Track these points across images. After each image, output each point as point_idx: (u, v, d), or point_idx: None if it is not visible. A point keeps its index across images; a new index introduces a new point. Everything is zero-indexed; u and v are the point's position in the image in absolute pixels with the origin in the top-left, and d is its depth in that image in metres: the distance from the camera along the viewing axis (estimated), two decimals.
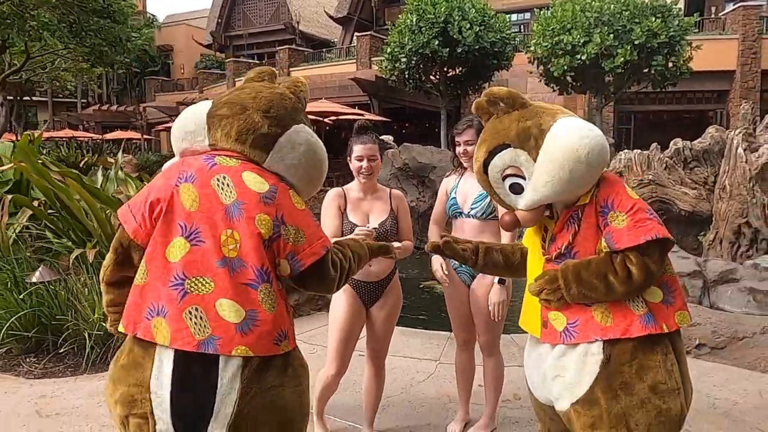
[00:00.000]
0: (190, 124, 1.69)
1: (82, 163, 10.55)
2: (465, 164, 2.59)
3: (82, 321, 3.62)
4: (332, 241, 1.72)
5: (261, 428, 1.49)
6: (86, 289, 3.76)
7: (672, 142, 6.98)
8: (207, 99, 1.84)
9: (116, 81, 34.96)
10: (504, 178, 1.73)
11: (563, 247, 1.71)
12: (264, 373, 1.49)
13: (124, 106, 30.66)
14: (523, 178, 1.70)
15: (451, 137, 2.64)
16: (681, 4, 15.65)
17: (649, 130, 19.53)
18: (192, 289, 1.46)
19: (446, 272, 2.55)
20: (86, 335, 3.56)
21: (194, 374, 1.44)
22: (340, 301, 2.54)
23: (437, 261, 2.54)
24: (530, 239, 1.92)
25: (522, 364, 3.04)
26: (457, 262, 2.60)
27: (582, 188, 1.68)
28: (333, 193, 2.61)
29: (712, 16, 21.18)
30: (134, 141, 25.00)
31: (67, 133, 23.94)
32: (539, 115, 1.72)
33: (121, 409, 1.50)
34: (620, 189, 1.67)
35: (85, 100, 33.47)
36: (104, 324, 3.58)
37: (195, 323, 1.44)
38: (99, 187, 4.65)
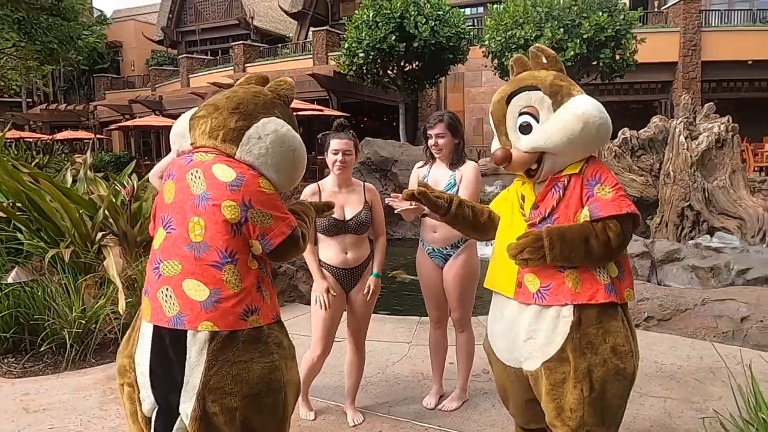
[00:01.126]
0: (179, 129, 1.91)
1: (33, 164, 10.28)
2: (436, 155, 2.80)
3: (60, 320, 3.67)
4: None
5: (226, 399, 1.60)
6: (62, 289, 3.80)
7: (620, 132, 7.37)
8: (160, 96, 2.10)
9: (63, 79, 33.73)
10: (521, 114, 1.93)
11: (546, 212, 1.90)
12: (230, 347, 1.62)
13: (74, 105, 29.64)
14: (537, 121, 1.90)
15: (423, 130, 2.84)
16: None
17: None
18: (164, 271, 1.66)
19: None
20: (65, 333, 3.61)
21: (167, 348, 1.63)
22: (323, 287, 2.70)
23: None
24: (501, 205, 2.11)
25: None
26: (430, 247, 2.82)
27: (579, 152, 1.90)
28: (308, 189, 2.80)
29: (655, 10, 22.07)
30: (86, 141, 24.26)
31: (14, 134, 23.01)
32: (572, 84, 1.97)
33: (118, 378, 1.75)
34: (606, 168, 1.91)
35: (30, 100, 32.21)
36: (83, 321, 3.67)
37: (166, 301, 1.64)
38: (69, 187, 4.66)
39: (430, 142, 2.78)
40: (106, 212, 4.19)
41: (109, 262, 3.83)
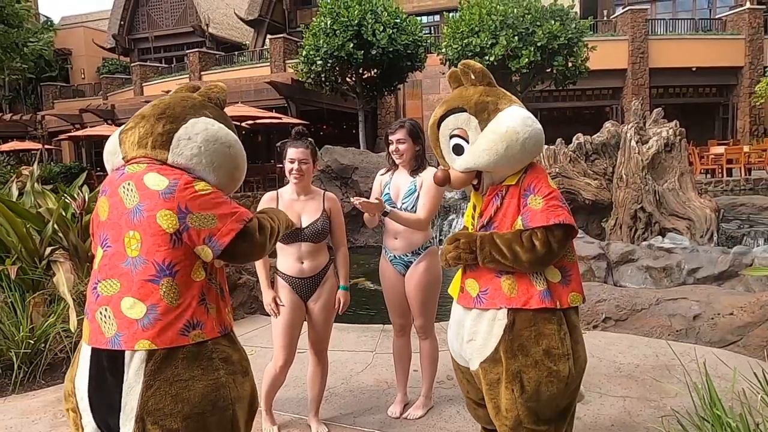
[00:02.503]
0: (110, 146, 1.81)
1: None
2: (397, 161, 2.80)
3: (6, 340, 3.50)
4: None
5: (167, 420, 1.52)
6: (8, 308, 3.63)
7: (575, 137, 7.55)
8: (112, 105, 2.01)
9: (8, 88, 32.38)
10: (451, 136, 2.00)
11: (486, 220, 1.99)
12: (169, 365, 1.54)
13: (20, 115, 28.45)
14: (467, 141, 1.96)
15: (385, 136, 2.85)
16: (577, 8, 16.78)
17: (554, 126, 20.67)
18: (103, 290, 1.60)
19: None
20: (12, 355, 3.44)
21: (105, 370, 1.55)
22: (281, 297, 2.68)
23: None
24: (468, 215, 2.19)
25: None
26: (392, 254, 2.82)
27: (510, 167, 1.95)
28: (266, 196, 2.76)
29: (605, 18, 22.82)
30: (33, 152, 23.33)
31: None
32: (499, 97, 1.99)
33: (65, 402, 1.68)
34: (543, 178, 1.95)
35: None
36: (31, 341, 3.51)
37: (104, 322, 1.56)
38: (15, 201, 4.46)
39: (391, 147, 2.79)
40: (56, 226, 4.02)
41: (59, 278, 3.68)
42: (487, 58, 14.33)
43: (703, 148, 16.48)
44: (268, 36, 24.32)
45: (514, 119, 1.91)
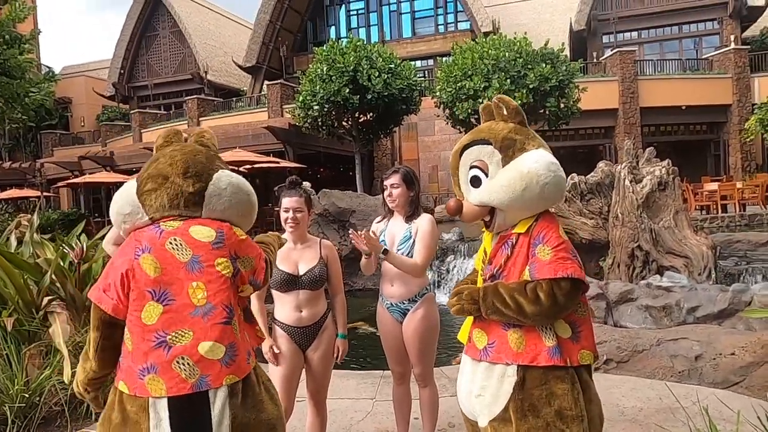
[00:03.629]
0: (126, 208, 1.82)
1: None
2: (390, 205, 2.82)
3: (0, 394, 3.44)
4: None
5: None
6: (3, 360, 3.58)
7: (569, 177, 7.64)
8: (111, 151, 2.03)
9: (8, 137, 32.76)
10: (471, 167, 1.94)
11: (495, 269, 1.92)
12: (246, 394, 1.70)
13: (19, 163, 28.69)
14: (486, 175, 1.91)
15: (381, 182, 2.88)
16: (567, 51, 17.23)
17: None
18: (174, 342, 1.65)
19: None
20: (6, 409, 3.38)
21: (189, 414, 1.63)
22: (279, 345, 2.67)
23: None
24: (478, 261, 2.13)
25: (452, 394, 3.25)
26: (389, 302, 2.81)
27: (525, 210, 1.88)
28: None
29: (594, 60, 23.40)
30: (32, 199, 23.41)
31: None
32: (528, 138, 1.94)
33: None
34: (554, 228, 1.87)
35: None
36: (26, 395, 3.45)
37: (184, 369, 1.63)
38: (14, 251, 4.46)
39: (386, 192, 2.82)
40: (53, 276, 4.01)
41: (55, 329, 3.65)
42: (480, 100, 14.62)
43: (697, 184, 16.65)
44: (266, 82, 24.81)
45: (539, 162, 1.85)
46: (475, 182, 1.93)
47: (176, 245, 1.72)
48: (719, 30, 24.66)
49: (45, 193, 24.99)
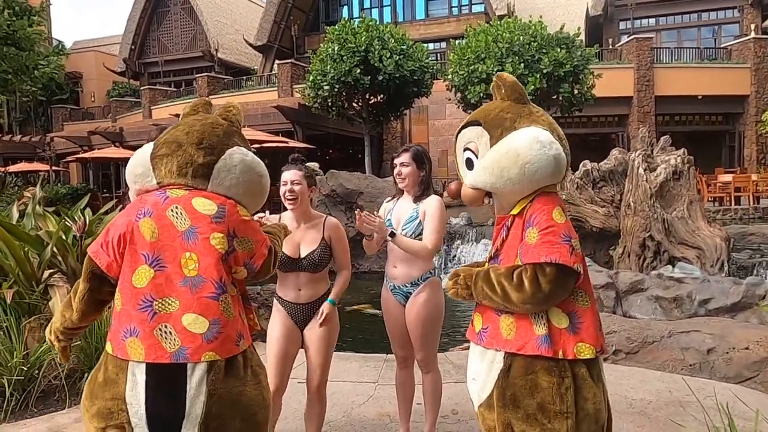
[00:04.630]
0: (138, 168, 1.90)
1: None
2: (400, 184, 2.74)
3: None
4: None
5: (228, 423, 1.67)
6: (3, 332, 3.55)
7: (581, 164, 7.50)
8: (120, 127, 2.03)
9: (19, 110, 32.79)
10: (464, 149, 1.90)
11: (493, 252, 1.89)
12: (227, 374, 1.67)
13: (29, 137, 28.76)
14: (477, 157, 1.85)
15: (391, 160, 2.80)
16: (582, 37, 16.90)
17: None
18: (160, 309, 1.66)
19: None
20: (5, 381, 3.35)
21: (166, 383, 1.63)
22: (275, 322, 2.64)
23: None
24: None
25: (457, 381, 3.19)
26: (392, 284, 2.73)
27: (514, 192, 1.78)
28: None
29: (610, 47, 22.99)
30: (41, 173, 23.49)
31: None
32: (521, 116, 1.82)
33: (98, 422, 1.67)
34: (546, 210, 1.74)
35: None
36: (25, 368, 3.42)
37: (165, 338, 1.63)
38: (15, 223, 4.40)
39: (395, 171, 2.73)
40: (54, 249, 3.96)
41: (55, 303, 3.60)
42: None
43: (710, 176, 16.40)
44: (276, 61, 24.60)
45: (521, 141, 1.73)
46: (469, 164, 1.89)
47: (176, 213, 1.72)
48: (739, 18, 24.08)
49: (55, 168, 25.09)
